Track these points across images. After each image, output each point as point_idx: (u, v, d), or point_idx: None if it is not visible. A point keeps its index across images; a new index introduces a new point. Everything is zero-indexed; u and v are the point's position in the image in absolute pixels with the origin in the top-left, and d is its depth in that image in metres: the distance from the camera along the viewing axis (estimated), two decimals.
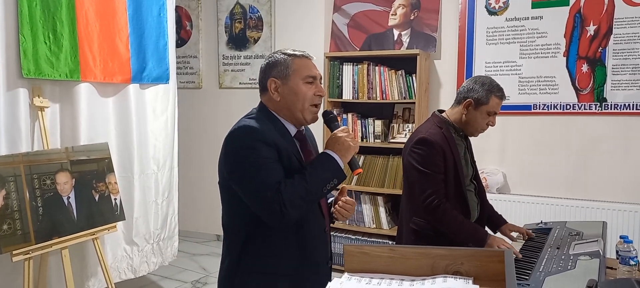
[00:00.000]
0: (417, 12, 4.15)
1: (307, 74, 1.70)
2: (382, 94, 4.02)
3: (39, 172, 2.67)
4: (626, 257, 1.81)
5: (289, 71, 1.70)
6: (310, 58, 1.75)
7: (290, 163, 1.65)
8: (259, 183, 1.57)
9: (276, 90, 1.71)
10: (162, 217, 3.58)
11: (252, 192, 1.61)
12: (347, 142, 1.68)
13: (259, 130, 1.62)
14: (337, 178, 1.66)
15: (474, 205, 2.40)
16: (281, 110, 1.73)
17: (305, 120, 1.73)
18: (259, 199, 1.58)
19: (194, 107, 5.17)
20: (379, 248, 1.28)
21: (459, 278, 1.17)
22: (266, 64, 1.74)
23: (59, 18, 2.86)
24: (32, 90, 2.80)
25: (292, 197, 1.56)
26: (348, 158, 1.68)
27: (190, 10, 5.14)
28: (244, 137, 1.62)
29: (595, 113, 3.65)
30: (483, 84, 2.31)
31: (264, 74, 1.74)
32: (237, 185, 1.65)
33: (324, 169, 1.64)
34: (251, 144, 1.60)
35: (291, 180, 1.59)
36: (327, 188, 1.64)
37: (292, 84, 1.69)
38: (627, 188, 3.58)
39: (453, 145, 2.31)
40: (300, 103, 1.70)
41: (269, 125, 1.67)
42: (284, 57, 1.72)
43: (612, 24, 3.56)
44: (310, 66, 1.73)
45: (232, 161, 1.65)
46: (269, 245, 1.68)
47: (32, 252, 2.57)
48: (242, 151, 1.61)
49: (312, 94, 1.71)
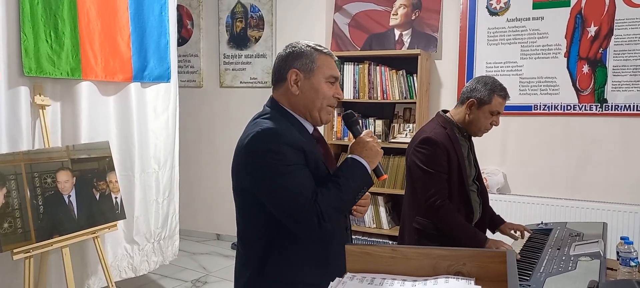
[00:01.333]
0: (418, 12, 4.15)
1: (330, 74, 1.61)
2: (383, 94, 4.02)
3: (40, 171, 2.67)
4: (626, 258, 1.81)
5: (314, 66, 1.59)
6: (334, 57, 1.66)
7: (317, 167, 1.55)
8: (292, 192, 1.46)
9: (296, 83, 1.59)
10: (162, 216, 3.58)
11: (284, 202, 1.48)
12: (374, 147, 1.59)
13: (284, 133, 1.50)
14: (367, 186, 1.58)
15: (477, 206, 2.41)
16: (297, 106, 1.61)
17: (320, 120, 1.63)
18: (294, 210, 1.47)
19: (195, 106, 5.17)
20: (380, 248, 1.28)
21: (461, 279, 1.17)
22: (288, 53, 1.61)
23: (60, 16, 2.86)
24: (33, 89, 2.80)
25: (329, 208, 1.47)
26: (375, 164, 1.60)
27: (191, 9, 5.14)
28: (270, 141, 1.48)
29: (596, 114, 3.66)
30: (486, 83, 2.31)
31: (285, 62, 1.61)
32: (263, 193, 1.52)
33: (355, 177, 1.55)
34: (278, 148, 1.47)
35: (326, 189, 1.49)
36: (358, 196, 1.57)
37: (315, 80, 1.59)
38: (628, 189, 3.58)
39: (457, 146, 2.32)
40: (319, 102, 1.59)
41: (288, 124, 1.57)
42: (310, 49, 1.60)
43: (613, 25, 3.57)
44: (334, 66, 1.64)
45: (257, 168, 1.50)
46: (293, 253, 1.57)
47: (33, 251, 2.57)
48: (269, 157, 1.47)
49: (331, 94, 1.61)
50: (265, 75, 4.82)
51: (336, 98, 1.63)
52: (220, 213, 5.04)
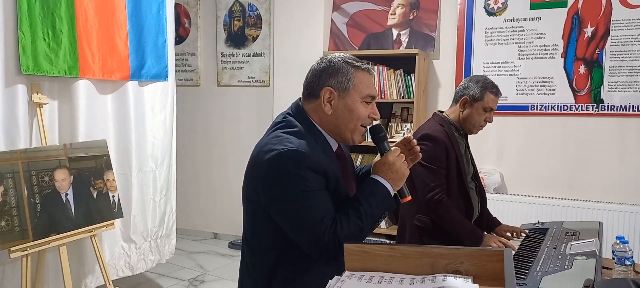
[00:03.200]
0: (416, 12, 4.16)
1: (367, 93, 1.51)
2: (381, 93, 4.03)
3: (37, 169, 2.67)
4: (622, 257, 1.82)
5: (350, 84, 1.49)
6: (372, 74, 1.57)
7: (337, 189, 1.49)
8: (311, 220, 1.40)
9: (330, 101, 1.50)
10: (159, 214, 3.58)
11: (301, 228, 1.43)
12: (401, 169, 1.50)
13: (308, 156, 1.41)
14: (388, 210, 1.50)
15: (476, 204, 2.45)
16: (327, 124, 1.53)
17: (352, 140, 1.55)
18: (310, 237, 1.41)
19: (192, 104, 5.17)
20: (379, 247, 1.29)
21: (459, 277, 1.18)
22: (323, 69, 1.52)
23: (58, 15, 2.85)
24: (30, 87, 2.79)
25: (348, 237, 1.40)
26: (399, 186, 1.51)
27: (189, 8, 5.14)
28: (294, 164, 1.40)
29: (592, 114, 3.67)
30: (477, 81, 2.39)
31: (319, 78, 1.52)
32: (280, 216, 1.46)
33: (378, 203, 1.46)
34: (302, 173, 1.40)
35: (346, 218, 1.42)
36: (379, 222, 1.49)
37: (350, 100, 1.50)
38: (623, 189, 3.60)
39: (455, 143, 2.37)
40: (353, 123, 1.51)
41: (313, 143, 1.48)
42: (347, 66, 1.51)
43: (610, 26, 3.58)
44: (371, 84, 1.53)
45: (277, 190, 1.43)
46: (303, 270, 1.50)
47: (30, 249, 2.57)
48: (291, 181, 1.40)
49: (367, 115, 1.52)
50: (262, 74, 4.82)
51: (372, 118, 1.55)
52: (218, 212, 5.04)
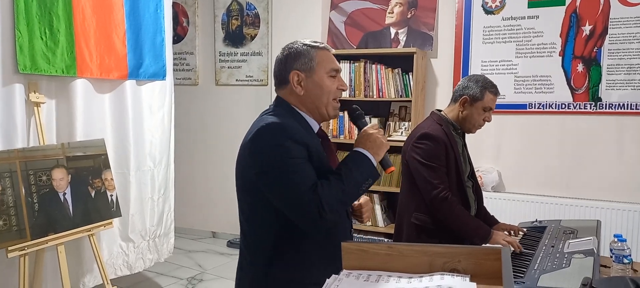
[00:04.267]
0: (414, 10, 4.16)
1: (331, 67, 1.63)
2: (379, 92, 4.03)
3: (35, 168, 2.67)
4: (620, 256, 1.83)
5: (314, 63, 1.61)
6: (330, 50, 1.67)
7: (320, 163, 1.56)
8: (294, 184, 1.48)
9: (299, 83, 1.61)
10: (158, 213, 3.57)
11: (286, 195, 1.50)
12: (379, 138, 1.60)
13: (289, 128, 1.52)
14: (371, 178, 1.58)
15: (472, 202, 2.45)
16: (304, 105, 1.64)
17: (328, 115, 1.65)
18: (295, 202, 1.49)
19: (190, 103, 5.16)
20: (376, 245, 1.29)
21: (456, 276, 1.18)
22: (286, 56, 1.64)
23: (55, 13, 2.85)
24: (28, 86, 2.79)
25: (330, 199, 1.48)
26: (381, 156, 1.61)
27: (187, 7, 5.13)
28: (275, 135, 1.51)
29: (590, 112, 3.68)
30: (477, 81, 2.40)
31: (284, 66, 1.64)
32: (268, 186, 1.53)
33: (359, 169, 1.55)
34: (282, 142, 1.50)
35: (327, 181, 1.50)
36: (363, 188, 1.57)
37: (317, 77, 1.61)
38: (621, 187, 3.61)
39: (453, 141, 2.38)
40: (325, 97, 1.62)
41: (294, 121, 1.58)
42: (307, 48, 1.63)
43: (608, 24, 3.58)
44: (332, 59, 1.65)
45: (263, 161, 1.53)
46: (299, 253, 1.58)
47: (28, 248, 2.57)
48: (274, 150, 1.50)
49: (336, 87, 1.64)
50: (260, 73, 4.82)
51: (340, 89, 1.65)
52: (216, 211, 5.03)
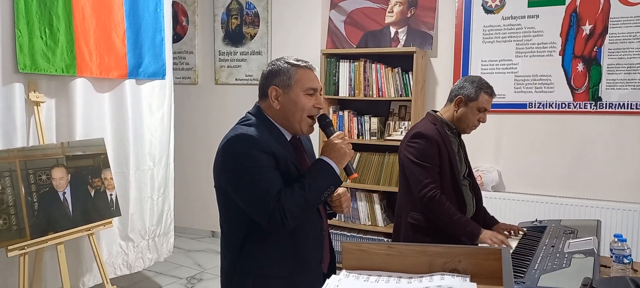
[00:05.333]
0: (414, 9, 4.16)
1: (308, 86, 1.71)
2: (379, 92, 4.03)
3: (35, 167, 2.67)
4: (620, 256, 1.83)
5: (291, 81, 1.70)
6: (313, 69, 1.76)
7: (288, 170, 1.67)
8: (259, 193, 1.60)
9: (276, 98, 1.71)
10: (157, 213, 3.57)
11: (252, 202, 1.63)
12: (343, 149, 1.69)
13: (255, 138, 1.63)
14: (333, 185, 1.69)
15: (470, 200, 2.46)
16: (278, 118, 1.74)
17: (301, 131, 1.74)
18: (260, 209, 1.60)
19: (190, 103, 5.16)
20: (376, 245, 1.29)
21: (457, 276, 1.18)
22: (269, 71, 1.75)
23: (55, 13, 2.84)
24: (27, 85, 2.79)
25: (292, 207, 1.59)
26: (344, 164, 1.71)
27: (186, 6, 5.13)
28: (241, 145, 1.63)
29: (590, 112, 3.67)
30: (472, 81, 2.42)
31: (266, 80, 1.75)
32: (235, 193, 1.66)
33: (321, 177, 1.66)
34: (249, 152, 1.61)
35: (291, 189, 1.61)
36: (324, 196, 1.68)
37: (293, 94, 1.70)
38: (622, 187, 3.60)
39: (447, 141, 2.39)
40: (299, 114, 1.71)
41: (265, 132, 1.69)
42: (287, 66, 1.72)
43: (608, 24, 3.58)
44: (312, 78, 1.74)
45: (230, 169, 1.66)
46: (264, 248, 1.70)
47: (28, 248, 2.57)
48: (240, 159, 1.62)
49: (311, 105, 1.72)
50: (260, 72, 4.80)
51: (317, 108, 1.73)
52: (215, 211, 4.97)
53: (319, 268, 1.80)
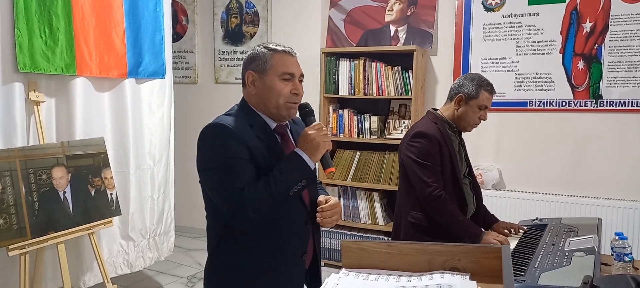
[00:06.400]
0: (414, 8, 4.15)
1: (284, 71, 1.65)
2: (379, 90, 4.02)
3: (35, 167, 2.67)
4: (621, 254, 1.82)
5: (267, 66, 1.65)
6: (292, 54, 1.70)
7: (265, 162, 1.61)
8: (225, 184, 1.55)
9: (253, 83, 1.68)
10: (158, 212, 3.58)
11: (218, 193, 1.59)
12: (315, 140, 1.60)
13: (229, 128, 1.58)
14: (305, 179, 1.60)
15: (470, 199, 2.45)
16: (258, 104, 1.69)
17: (281, 116, 1.69)
18: (224, 201, 1.56)
19: (190, 102, 5.16)
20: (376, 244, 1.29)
21: (456, 274, 1.17)
22: (247, 58, 1.72)
23: (54, 12, 2.84)
24: (27, 85, 2.79)
25: (255, 202, 1.52)
26: (318, 157, 1.62)
27: (186, 5, 5.12)
28: (214, 134, 1.60)
29: (591, 110, 3.67)
30: (472, 79, 2.41)
31: (244, 66, 1.72)
32: (206, 183, 1.64)
33: (291, 170, 1.58)
34: (220, 142, 1.57)
35: (256, 182, 1.55)
36: (294, 190, 1.58)
37: (268, 79, 1.65)
38: (622, 185, 3.60)
39: (448, 140, 2.38)
40: (274, 99, 1.65)
41: (244, 122, 1.64)
42: (264, 50, 1.68)
43: (608, 21, 3.57)
44: (288, 63, 1.67)
45: (201, 159, 1.63)
46: (241, 241, 1.65)
47: (28, 247, 2.57)
48: (211, 149, 1.59)
49: (288, 91, 1.66)
50: None
51: (294, 94, 1.67)
52: None
53: (301, 261, 1.74)
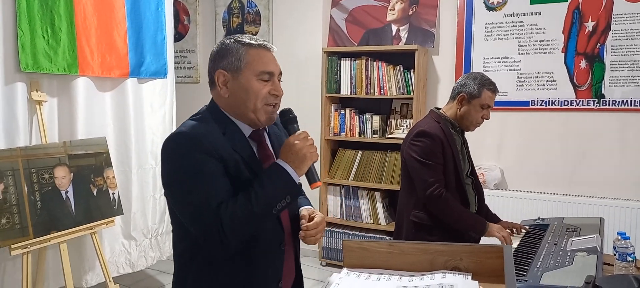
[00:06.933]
0: (416, 7, 4.15)
1: (261, 69, 1.43)
2: (380, 90, 4.02)
3: (37, 166, 2.67)
4: (623, 253, 1.82)
5: (241, 64, 1.42)
6: (269, 49, 1.47)
7: (239, 174, 1.40)
8: (196, 203, 1.33)
9: (225, 84, 1.44)
10: (160, 211, 3.58)
11: (188, 213, 1.37)
12: (302, 151, 1.39)
13: (197, 138, 1.36)
14: (291, 195, 1.40)
15: (472, 199, 2.45)
16: (231, 108, 1.46)
17: (259, 121, 1.45)
18: (196, 222, 1.35)
19: (192, 101, 5.13)
20: (377, 243, 1.29)
21: (458, 274, 1.17)
22: (216, 52, 1.47)
23: (56, 12, 2.85)
24: (30, 85, 2.79)
25: (233, 222, 1.31)
26: (304, 170, 1.41)
27: (188, 5, 5.13)
28: (180, 145, 1.37)
29: (593, 109, 3.66)
30: (475, 78, 2.40)
31: (213, 63, 1.47)
32: (172, 201, 1.42)
33: (274, 186, 1.36)
34: (188, 154, 1.35)
35: (234, 200, 1.34)
36: (277, 208, 1.38)
37: (243, 79, 1.42)
38: (625, 184, 3.59)
39: (451, 139, 2.38)
40: (252, 102, 1.42)
41: (215, 129, 1.42)
42: (237, 45, 1.44)
43: (611, 20, 3.57)
44: (266, 60, 1.45)
45: (167, 172, 1.40)
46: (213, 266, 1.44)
47: (31, 246, 2.57)
48: (177, 162, 1.36)
49: (267, 92, 1.43)
50: None
51: (273, 95, 1.45)
52: None
53: None
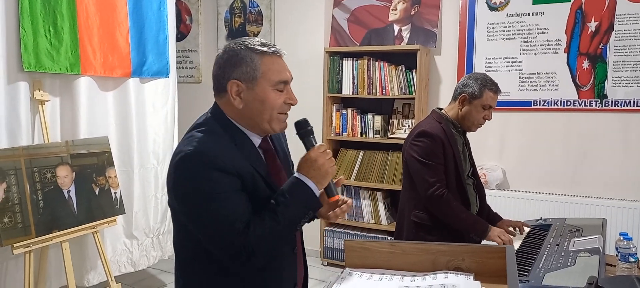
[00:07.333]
0: (418, 7, 4.14)
1: (278, 79, 1.38)
2: (382, 90, 4.02)
3: (39, 166, 2.67)
4: (626, 254, 1.82)
5: (257, 74, 1.36)
6: (281, 55, 1.42)
7: (256, 187, 1.37)
8: (220, 224, 1.30)
9: (239, 95, 1.38)
10: (161, 211, 3.58)
11: (211, 234, 1.33)
12: (324, 167, 1.38)
13: (215, 156, 1.31)
14: (312, 211, 1.40)
15: (474, 199, 2.45)
16: (242, 118, 1.41)
17: (272, 130, 1.42)
18: (221, 243, 1.31)
19: (194, 101, 5.15)
20: (379, 243, 1.29)
21: (460, 274, 1.17)
22: (226, 60, 1.39)
23: (59, 11, 2.85)
24: (32, 84, 2.80)
25: (262, 242, 1.30)
26: (325, 184, 1.40)
27: (190, 5, 5.13)
28: (199, 165, 1.31)
29: (596, 110, 3.65)
30: (476, 79, 2.39)
31: (223, 71, 1.39)
32: (190, 221, 1.37)
33: (298, 202, 1.35)
34: (208, 174, 1.29)
35: (260, 220, 1.31)
36: (301, 224, 1.39)
37: (260, 90, 1.37)
38: (627, 185, 3.58)
39: (452, 139, 2.37)
40: (268, 113, 1.38)
41: (227, 142, 1.38)
42: (251, 54, 1.37)
43: (614, 21, 3.56)
44: (281, 68, 1.40)
45: (184, 194, 1.35)
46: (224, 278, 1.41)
47: (33, 245, 2.58)
48: (196, 183, 1.31)
49: (282, 102, 1.40)
50: None
51: (288, 104, 1.42)
52: None
53: None
